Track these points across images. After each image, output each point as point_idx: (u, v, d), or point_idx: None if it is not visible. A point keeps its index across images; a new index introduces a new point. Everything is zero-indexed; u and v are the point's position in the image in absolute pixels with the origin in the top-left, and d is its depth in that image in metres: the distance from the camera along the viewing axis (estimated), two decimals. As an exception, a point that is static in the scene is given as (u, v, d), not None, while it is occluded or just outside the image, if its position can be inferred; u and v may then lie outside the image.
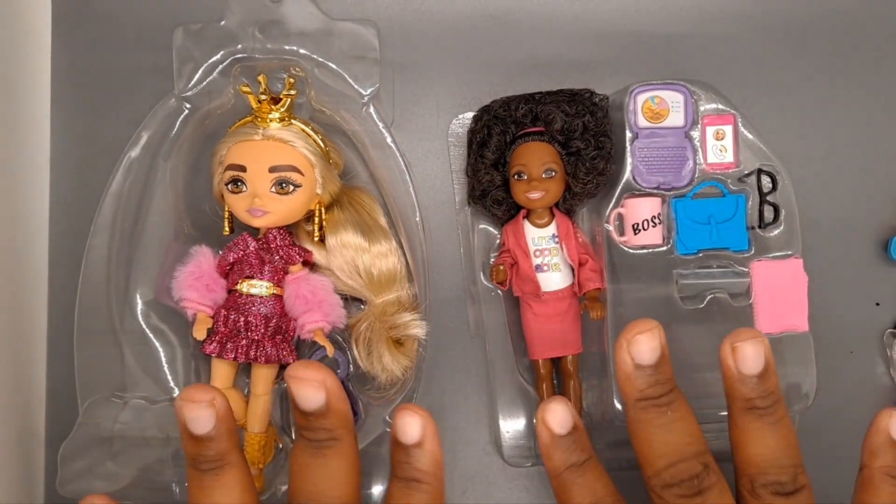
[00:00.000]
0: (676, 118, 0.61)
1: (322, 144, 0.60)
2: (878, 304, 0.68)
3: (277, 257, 0.59)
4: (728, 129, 0.62)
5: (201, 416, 0.47)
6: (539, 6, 0.68)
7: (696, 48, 0.68)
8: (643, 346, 0.49)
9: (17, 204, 0.63)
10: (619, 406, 0.61)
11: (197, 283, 0.59)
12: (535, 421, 0.52)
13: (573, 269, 0.63)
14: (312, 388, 0.47)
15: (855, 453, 0.67)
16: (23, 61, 0.65)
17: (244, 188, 0.57)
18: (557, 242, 0.62)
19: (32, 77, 0.66)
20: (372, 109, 0.62)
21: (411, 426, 0.48)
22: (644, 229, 0.61)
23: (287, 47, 0.61)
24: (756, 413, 0.49)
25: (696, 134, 0.62)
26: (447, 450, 0.66)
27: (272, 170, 0.57)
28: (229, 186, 0.58)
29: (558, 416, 0.51)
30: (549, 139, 0.61)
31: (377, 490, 0.61)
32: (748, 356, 0.49)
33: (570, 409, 0.51)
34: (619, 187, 0.62)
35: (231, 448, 0.48)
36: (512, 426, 0.65)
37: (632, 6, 0.68)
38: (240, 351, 0.58)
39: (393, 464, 0.50)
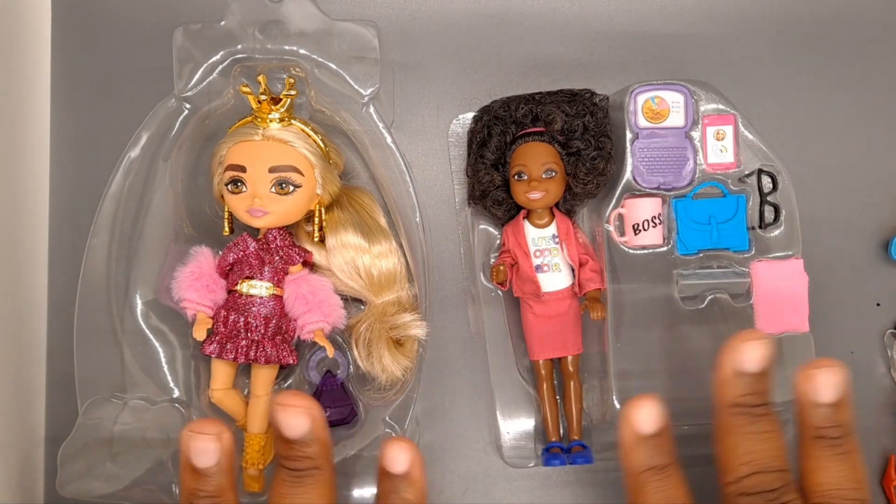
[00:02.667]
0: (677, 118, 0.61)
1: (322, 145, 0.60)
2: (878, 305, 0.68)
3: (277, 258, 0.59)
4: (728, 130, 0.62)
5: (207, 449, 0.48)
6: (539, 6, 0.68)
7: (697, 48, 0.68)
8: (752, 353, 0.49)
9: (17, 204, 0.63)
10: (619, 407, 0.61)
11: (197, 283, 0.59)
12: (618, 416, 0.51)
13: (573, 270, 0.62)
14: (298, 414, 0.48)
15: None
16: (23, 61, 0.65)
17: (244, 188, 0.57)
18: (558, 243, 0.62)
19: (32, 77, 0.66)
20: (372, 109, 0.62)
21: (399, 457, 0.49)
22: (644, 230, 0.61)
23: (287, 47, 0.61)
24: (825, 443, 0.49)
25: (696, 134, 0.62)
26: (448, 449, 0.66)
27: (272, 170, 0.57)
28: (229, 187, 0.58)
29: (647, 414, 0.50)
30: (550, 139, 0.61)
31: (374, 491, 0.61)
32: (821, 385, 0.49)
33: (661, 408, 0.50)
34: (620, 187, 0.62)
35: (229, 486, 0.50)
36: (512, 427, 0.65)
37: (632, 6, 0.68)
38: (240, 351, 0.58)
39: (380, 491, 0.51)
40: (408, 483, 0.50)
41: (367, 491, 0.61)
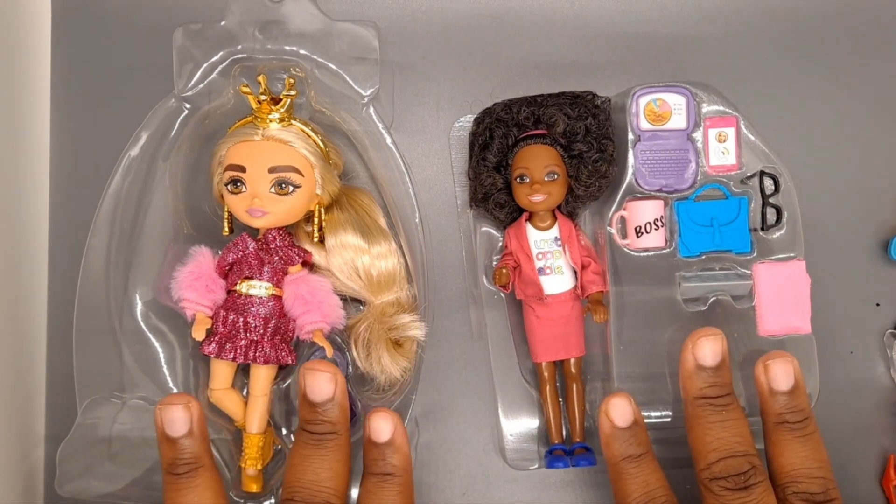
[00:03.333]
0: (679, 120, 0.61)
1: (322, 145, 0.59)
2: (878, 305, 0.68)
3: (277, 258, 0.59)
4: (730, 132, 0.61)
5: (177, 418, 0.53)
6: (540, 8, 0.68)
7: (699, 50, 0.68)
8: (707, 348, 0.55)
9: (17, 203, 0.63)
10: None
11: (196, 283, 0.59)
12: (598, 411, 0.56)
13: (576, 272, 0.62)
14: (325, 379, 0.54)
15: (854, 452, 0.67)
16: (23, 61, 0.65)
17: (244, 188, 0.57)
18: (560, 245, 0.62)
19: (32, 77, 0.66)
20: (372, 110, 0.62)
21: (383, 426, 0.54)
22: (647, 232, 0.61)
23: (287, 48, 0.61)
24: (787, 427, 0.54)
25: (698, 136, 0.61)
26: (448, 449, 0.66)
27: (272, 170, 0.57)
28: (229, 187, 0.57)
29: (620, 409, 0.55)
30: (552, 142, 0.61)
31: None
32: (779, 373, 0.54)
33: (633, 404, 0.55)
34: (622, 190, 0.61)
35: (204, 451, 0.54)
36: (515, 429, 0.65)
37: (634, 8, 0.68)
38: (239, 351, 0.58)
39: (367, 461, 0.55)
40: (393, 450, 0.54)
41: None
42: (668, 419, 0.62)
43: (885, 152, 0.68)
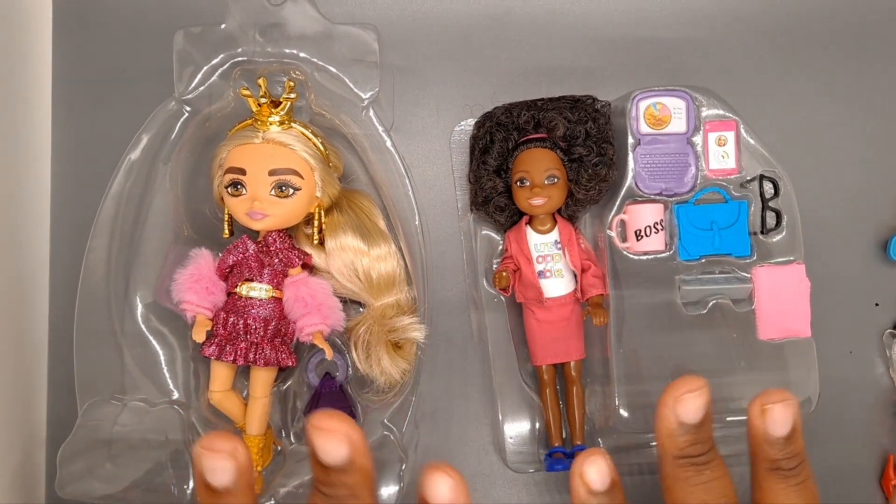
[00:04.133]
0: (678, 124, 0.61)
1: (322, 148, 0.59)
2: (877, 305, 0.68)
3: (277, 260, 0.59)
4: (730, 135, 0.61)
5: (221, 468, 0.43)
6: (540, 11, 0.68)
7: (699, 54, 0.68)
8: (690, 405, 0.47)
9: (18, 206, 0.63)
10: (622, 412, 0.61)
11: (196, 285, 0.59)
12: (571, 474, 0.47)
13: (576, 276, 0.62)
14: (335, 441, 0.42)
15: (853, 452, 0.67)
16: (24, 64, 0.65)
17: (244, 191, 0.57)
18: (560, 248, 0.62)
19: (33, 80, 0.66)
20: (372, 113, 0.62)
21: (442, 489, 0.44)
22: (646, 235, 0.61)
23: (287, 50, 0.61)
24: (780, 474, 0.48)
25: (698, 140, 0.61)
26: (448, 451, 0.66)
27: (272, 173, 0.57)
28: (229, 189, 0.57)
29: (596, 472, 0.46)
30: (552, 145, 0.61)
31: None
32: (778, 419, 0.47)
33: (610, 462, 0.47)
34: (622, 193, 0.61)
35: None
36: (515, 432, 0.65)
37: (634, 12, 0.68)
38: (239, 354, 0.58)
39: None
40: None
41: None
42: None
43: (883, 154, 0.69)
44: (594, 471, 0.46)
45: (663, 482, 0.49)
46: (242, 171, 0.57)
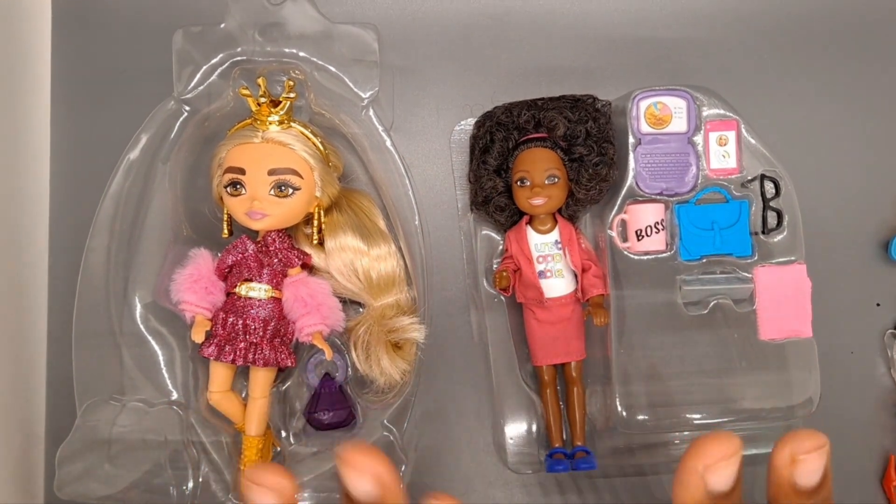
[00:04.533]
0: (679, 124, 0.61)
1: (321, 147, 0.59)
2: (878, 305, 0.68)
3: (276, 260, 0.59)
4: (731, 135, 0.61)
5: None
6: (541, 11, 0.68)
7: (700, 54, 0.68)
8: (724, 473, 0.42)
9: (17, 206, 0.63)
10: (623, 412, 0.61)
11: (195, 285, 0.59)
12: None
13: (576, 276, 0.62)
14: (362, 479, 0.41)
15: (854, 452, 0.67)
16: (23, 63, 0.65)
17: (243, 191, 0.57)
18: (560, 248, 0.62)
19: (32, 79, 0.66)
20: (371, 112, 0.61)
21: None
22: (647, 235, 0.61)
23: (287, 50, 0.61)
24: None
25: (699, 140, 0.61)
26: (448, 452, 0.66)
27: (271, 172, 0.57)
28: (228, 189, 0.57)
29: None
30: (552, 145, 0.61)
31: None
32: (812, 469, 0.43)
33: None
34: (622, 193, 0.61)
35: None
36: (515, 432, 0.65)
37: (634, 11, 0.68)
38: (238, 354, 0.58)
39: None
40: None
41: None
42: (668, 422, 0.61)
43: (884, 153, 0.69)
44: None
45: None
46: (242, 171, 0.57)
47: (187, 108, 0.61)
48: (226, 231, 0.60)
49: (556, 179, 0.60)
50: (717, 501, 0.41)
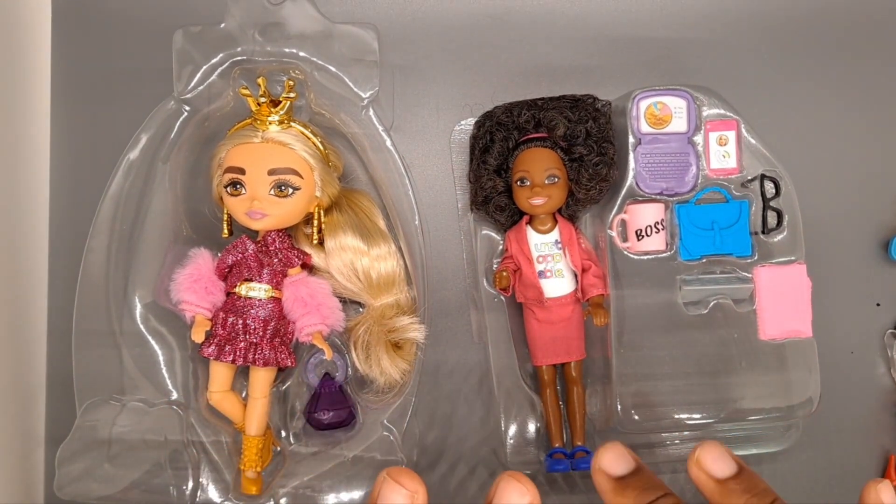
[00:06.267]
0: (679, 124, 0.61)
1: (321, 147, 0.59)
2: (878, 305, 0.68)
3: (276, 260, 0.59)
4: (731, 135, 0.61)
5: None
6: (541, 11, 0.68)
7: (699, 54, 0.68)
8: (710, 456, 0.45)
9: (17, 206, 0.63)
10: (623, 412, 0.61)
11: (195, 285, 0.59)
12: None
13: (576, 276, 0.62)
14: (403, 496, 0.42)
15: (855, 452, 0.67)
16: (23, 63, 0.65)
17: (243, 191, 0.57)
18: (560, 248, 0.62)
19: (33, 79, 0.66)
20: (371, 112, 0.62)
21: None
22: (647, 235, 0.61)
23: (287, 50, 0.61)
24: None
25: (699, 139, 0.61)
26: (448, 453, 0.66)
27: (271, 172, 0.57)
28: (228, 189, 0.57)
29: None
30: (552, 145, 0.61)
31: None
32: (714, 456, 0.45)
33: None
34: (622, 193, 0.61)
35: None
36: (515, 432, 0.65)
37: (634, 11, 0.68)
38: (238, 354, 0.58)
39: None
40: None
41: (365, 494, 0.61)
42: (668, 422, 0.61)
43: (884, 153, 0.69)
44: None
45: None
46: (242, 171, 0.57)
47: (187, 108, 0.61)
48: (226, 231, 0.60)
49: (556, 179, 0.60)
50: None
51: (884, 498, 0.44)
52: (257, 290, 0.59)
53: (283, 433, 0.63)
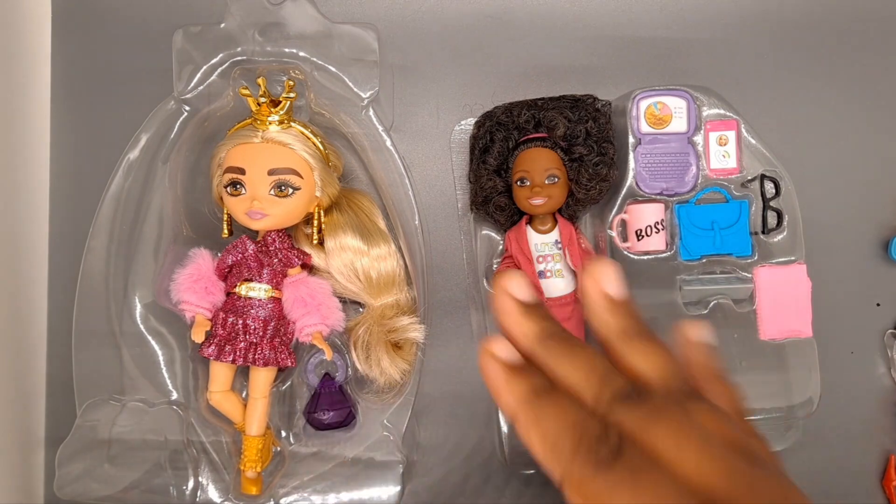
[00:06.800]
0: (679, 124, 0.61)
1: (321, 147, 0.59)
2: (878, 305, 0.68)
3: (276, 260, 0.59)
4: (731, 135, 0.61)
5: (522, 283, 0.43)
6: (541, 11, 0.68)
7: (700, 54, 0.68)
8: (606, 274, 0.43)
9: (17, 206, 0.63)
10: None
11: (195, 285, 0.59)
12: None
13: (576, 276, 0.62)
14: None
15: (855, 453, 0.67)
16: (23, 63, 0.65)
17: (243, 191, 0.57)
18: (560, 248, 0.62)
19: (33, 79, 0.66)
20: (371, 112, 0.62)
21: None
22: (647, 235, 0.61)
23: (287, 50, 0.61)
24: (638, 337, 0.43)
25: (699, 139, 0.61)
26: (448, 451, 0.66)
27: (271, 172, 0.57)
28: (228, 189, 0.57)
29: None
30: (552, 145, 0.61)
31: (372, 494, 0.61)
32: (609, 276, 0.43)
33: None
34: (622, 193, 0.61)
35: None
36: (515, 432, 0.65)
37: (634, 11, 0.68)
38: (238, 354, 0.58)
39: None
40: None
41: (365, 493, 0.61)
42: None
43: (884, 153, 0.69)
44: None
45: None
46: (242, 171, 0.57)
47: (187, 108, 0.61)
48: (226, 231, 0.60)
49: (556, 179, 0.60)
50: (531, 310, 0.43)
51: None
52: (257, 290, 0.59)
53: (283, 433, 0.63)
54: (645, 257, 0.61)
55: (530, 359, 0.43)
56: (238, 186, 0.57)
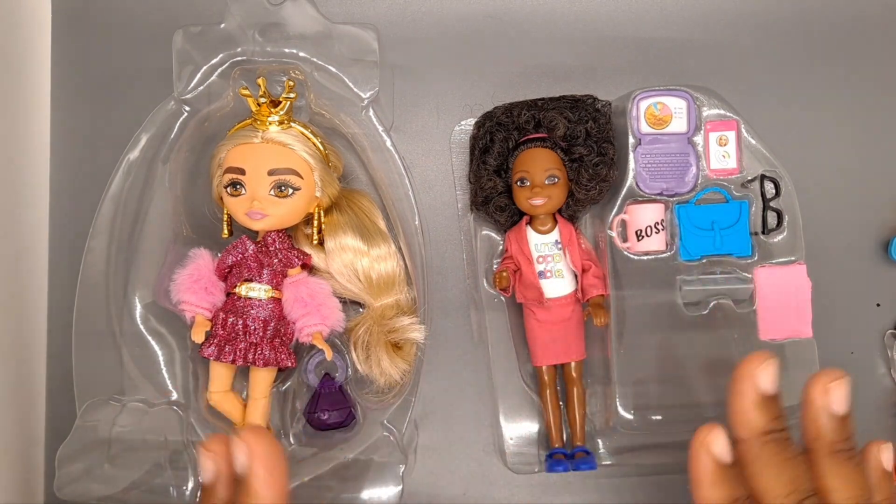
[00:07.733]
0: (679, 124, 0.61)
1: (321, 147, 0.59)
2: (878, 305, 0.68)
3: (276, 260, 0.59)
4: (731, 135, 0.61)
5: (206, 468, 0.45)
6: (541, 11, 0.68)
7: (700, 54, 0.68)
8: (768, 376, 0.47)
9: (18, 206, 0.63)
10: (623, 413, 0.61)
11: (195, 285, 0.59)
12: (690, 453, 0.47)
13: (576, 276, 0.62)
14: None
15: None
16: (23, 63, 0.65)
17: (243, 191, 0.57)
18: (560, 249, 0.62)
19: (33, 79, 0.66)
20: (371, 112, 0.61)
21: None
22: (647, 235, 0.61)
23: (287, 50, 0.61)
24: (844, 456, 0.46)
25: (699, 140, 0.61)
26: (448, 451, 0.66)
27: (271, 173, 0.57)
28: (228, 189, 0.57)
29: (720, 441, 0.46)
30: (552, 145, 0.61)
31: (372, 494, 0.61)
32: (841, 396, 0.46)
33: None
34: (622, 193, 0.61)
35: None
36: (515, 433, 0.65)
37: (635, 12, 0.68)
38: (238, 354, 0.58)
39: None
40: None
41: (365, 494, 0.61)
42: (668, 422, 0.61)
43: (884, 153, 0.69)
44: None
45: (748, 464, 0.46)
46: (242, 171, 0.57)
47: (187, 108, 0.61)
48: (226, 231, 0.60)
49: (556, 179, 0.60)
50: (772, 406, 0.46)
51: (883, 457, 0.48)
52: (257, 291, 0.59)
53: (284, 434, 0.63)
54: (645, 258, 0.61)
55: (740, 448, 0.46)
56: (238, 187, 0.57)
